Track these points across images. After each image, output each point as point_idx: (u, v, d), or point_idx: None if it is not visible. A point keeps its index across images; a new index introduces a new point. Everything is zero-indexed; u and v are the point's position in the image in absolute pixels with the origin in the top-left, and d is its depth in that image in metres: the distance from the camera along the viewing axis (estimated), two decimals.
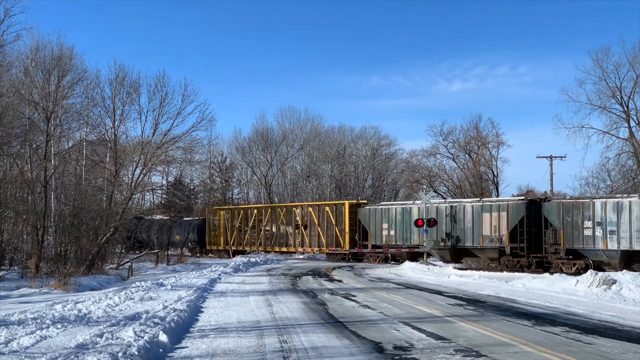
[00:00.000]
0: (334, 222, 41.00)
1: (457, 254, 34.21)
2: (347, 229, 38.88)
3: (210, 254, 50.07)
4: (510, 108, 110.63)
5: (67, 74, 31.71)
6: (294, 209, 45.75)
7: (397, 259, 35.70)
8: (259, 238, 46.93)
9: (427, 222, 34.75)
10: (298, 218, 44.16)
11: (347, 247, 38.84)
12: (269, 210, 47.37)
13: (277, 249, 45.93)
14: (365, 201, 43.31)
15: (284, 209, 46.25)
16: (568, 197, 32.39)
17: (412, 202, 37.49)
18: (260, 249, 46.81)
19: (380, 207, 37.29)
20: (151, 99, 37.53)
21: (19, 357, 9.15)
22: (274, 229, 46.63)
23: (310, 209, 43.50)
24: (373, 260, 36.88)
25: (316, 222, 42.18)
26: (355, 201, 41.63)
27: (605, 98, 43.51)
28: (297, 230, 44.65)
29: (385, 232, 36.02)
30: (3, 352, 9.44)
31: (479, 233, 32.05)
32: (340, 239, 40.07)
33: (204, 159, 63.29)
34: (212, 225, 50.25)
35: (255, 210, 48.04)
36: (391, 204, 37.52)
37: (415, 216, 34.32)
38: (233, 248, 47.96)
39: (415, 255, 35.45)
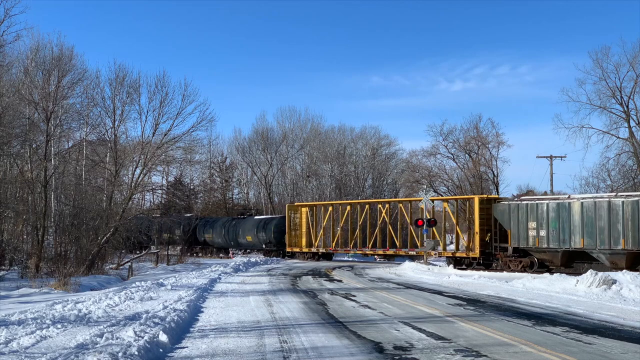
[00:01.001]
0: (454, 220, 36.65)
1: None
2: (477, 229, 32.60)
3: (293, 257, 44.56)
4: (511, 108, 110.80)
5: (67, 74, 31.70)
6: (400, 204, 40.81)
7: (547, 265, 29.70)
8: (353, 238, 41.21)
9: (427, 222, 34.72)
10: (406, 215, 39.16)
11: (478, 251, 32.35)
12: (366, 207, 41.92)
13: (380, 252, 40.01)
14: (497, 196, 37.80)
15: (387, 205, 40.35)
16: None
17: (566, 195, 31.41)
18: (356, 250, 41.55)
19: (524, 202, 30.89)
20: (151, 99, 37.54)
21: (19, 357, 9.15)
22: (370, 229, 41.06)
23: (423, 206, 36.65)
24: (514, 266, 30.81)
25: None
26: (486, 196, 35.58)
27: (605, 98, 43.50)
28: (403, 231, 39.71)
29: (532, 233, 29.86)
30: (3, 352, 9.44)
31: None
32: (464, 241, 35.01)
33: (204, 159, 63.40)
34: (292, 225, 44.43)
35: (349, 207, 42.56)
36: (540, 199, 31.26)
37: (577, 214, 27.83)
38: (321, 250, 42.92)
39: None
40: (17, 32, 32.37)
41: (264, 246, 46.80)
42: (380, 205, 41.14)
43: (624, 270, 21.78)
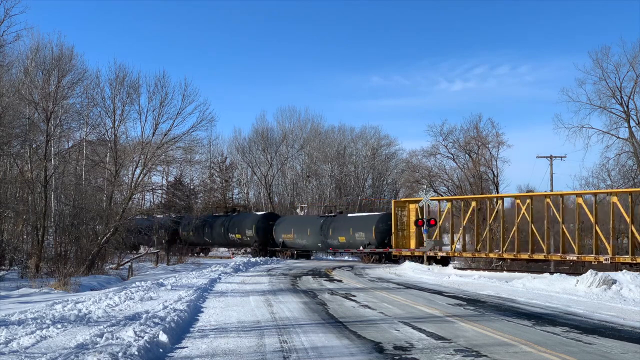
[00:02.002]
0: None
1: None
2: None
3: (396, 262, 36.92)
4: (511, 108, 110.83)
5: (67, 74, 31.68)
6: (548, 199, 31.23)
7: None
8: (508, 238, 32.60)
9: (427, 222, 34.73)
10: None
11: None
12: (499, 202, 34.39)
13: (558, 257, 30.02)
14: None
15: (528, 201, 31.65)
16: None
17: None
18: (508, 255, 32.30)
19: None
20: (151, 99, 37.54)
21: (19, 357, 9.15)
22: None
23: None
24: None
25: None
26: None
27: (605, 98, 43.47)
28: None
29: None
30: (3, 352, 9.44)
31: None
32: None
33: (204, 159, 63.36)
34: (399, 224, 38.05)
35: (474, 203, 35.30)
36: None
37: None
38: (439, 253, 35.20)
39: None
40: (17, 32, 32.38)
41: (361, 248, 40.43)
42: (518, 201, 32.93)
43: (624, 271, 21.79)
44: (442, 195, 50.02)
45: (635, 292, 18.14)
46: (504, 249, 32.53)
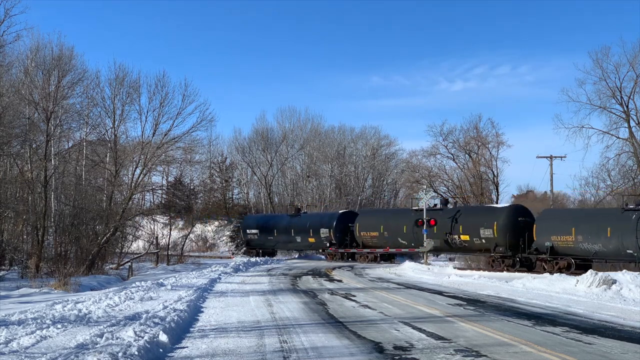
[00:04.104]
0: None
1: None
2: None
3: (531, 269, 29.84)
4: (511, 108, 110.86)
5: (67, 74, 31.69)
6: None
7: None
8: None
9: (427, 222, 34.73)
10: None
11: None
12: None
13: None
14: None
15: None
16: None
17: None
18: None
19: None
20: (151, 99, 37.57)
21: (19, 357, 9.14)
22: None
23: None
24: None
25: None
26: None
27: (605, 98, 43.42)
28: None
29: None
30: (3, 352, 9.44)
31: None
32: None
33: (204, 159, 63.42)
34: None
35: None
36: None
37: None
38: None
39: None
40: (17, 32, 32.36)
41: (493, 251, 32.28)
42: None
43: (624, 271, 21.78)
44: (442, 195, 50.02)
45: (635, 292, 18.14)
46: None
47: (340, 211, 45.67)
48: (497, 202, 47.13)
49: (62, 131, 33.51)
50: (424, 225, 34.78)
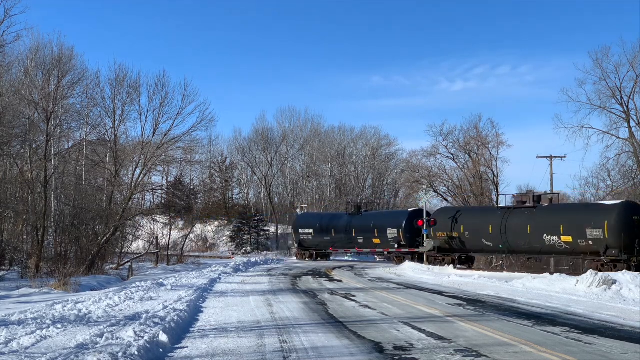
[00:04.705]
0: None
1: None
2: None
3: None
4: (511, 108, 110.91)
5: (67, 74, 31.73)
6: None
7: None
8: None
9: (427, 222, 34.69)
10: None
11: None
12: None
13: None
14: None
15: None
16: None
17: None
18: None
19: None
20: (151, 99, 37.61)
21: (19, 357, 9.14)
22: None
23: None
24: None
25: None
26: None
27: (605, 98, 43.42)
28: None
29: None
30: (3, 352, 9.44)
31: None
32: None
33: (204, 159, 63.50)
34: None
35: None
36: None
37: None
38: None
39: None
40: (17, 32, 32.43)
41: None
42: None
43: (624, 271, 21.77)
44: (442, 196, 50.02)
45: (635, 292, 18.13)
46: None
47: (410, 209, 41.02)
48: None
49: (62, 131, 33.53)
50: (424, 225, 34.73)
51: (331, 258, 46.95)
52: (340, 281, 25.63)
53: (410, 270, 31.07)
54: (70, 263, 25.89)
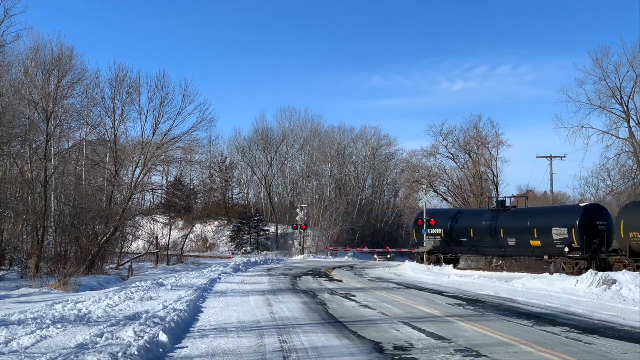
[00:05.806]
0: None
1: None
2: None
3: None
4: (511, 108, 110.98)
5: (67, 74, 31.72)
6: None
7: None
8: None
9: (427, 222, 34.71)
10: None
11: None
12: None
13: None
14: None
15: None
16: None
17: None
18: None
19: None
20: (151, 99, 37.62)
21: (19, 357, 9.14)
22: None
23: None
24: None
25: None
26: None
27: (605, 98, 43.47)
28: None
29: None
30: (3, 352, 9.44)
31: None
32: None
33: (204, 159, 63.50)
34: None
35: None
36: None
37: None
38: None
39: None
40: (17, 32, 32.49)
41: None
42: None
43: (624, 271, 21.78)
44: (442, 196, 50.03)
45: (635, 292, 18.13)
46: None
47: (582, 204, 32.14)
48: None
49: (62, 131, 33.52)
50: (424, 225, 34.74)
51: (458, 264, 38.67)
52: (340, 281, 25.64)
53: (410, 270, 31.10)
54: (70, 263, 25.88)
